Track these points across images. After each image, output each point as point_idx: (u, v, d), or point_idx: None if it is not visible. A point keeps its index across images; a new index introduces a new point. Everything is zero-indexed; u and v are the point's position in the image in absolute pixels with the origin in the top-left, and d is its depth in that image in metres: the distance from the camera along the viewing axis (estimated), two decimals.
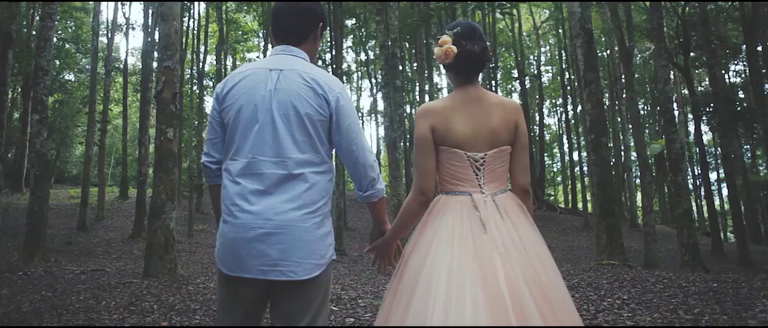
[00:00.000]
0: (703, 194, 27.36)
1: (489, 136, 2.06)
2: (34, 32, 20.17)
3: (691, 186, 30.79)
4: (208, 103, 27.90)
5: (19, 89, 22.53)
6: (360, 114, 37.99)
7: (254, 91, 1.96)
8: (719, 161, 27.93)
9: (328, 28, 17.13)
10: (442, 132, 2.05)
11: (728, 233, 33.25)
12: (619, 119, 26.95)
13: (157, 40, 16.63)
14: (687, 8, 17.25)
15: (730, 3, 18.75)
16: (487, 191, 2.04)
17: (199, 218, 20.40)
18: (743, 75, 26.70)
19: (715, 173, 32.86)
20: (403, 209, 2.09)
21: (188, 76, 21.93)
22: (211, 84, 27.38)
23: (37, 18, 21.25)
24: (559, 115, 40.96)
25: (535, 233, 1.99)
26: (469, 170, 2.05)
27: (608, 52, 27.82)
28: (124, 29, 23.05)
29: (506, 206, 2.01)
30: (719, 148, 23.11)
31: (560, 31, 30.20)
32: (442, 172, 2.10)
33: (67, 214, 19.12)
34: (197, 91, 23.00)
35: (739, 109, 20.17)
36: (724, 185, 26.74)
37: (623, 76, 19.42)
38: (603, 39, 26.42)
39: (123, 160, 24.73)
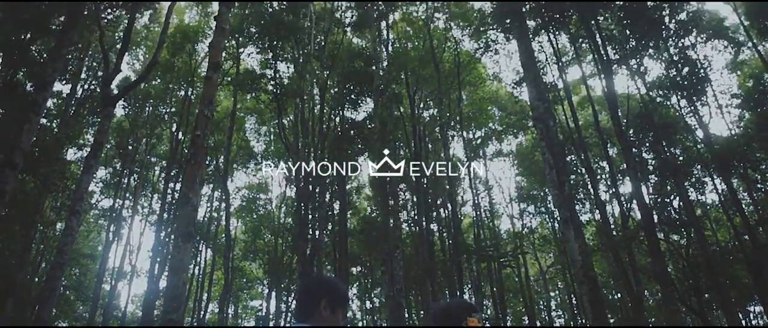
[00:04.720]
0: None
1: None
2: (36, 279, 20.15)
3: None
4: None
5: None
6: None
7: None
8: None
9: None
10: None
11: None
12: None
13: (160, 289, 16.68)
14: (690, 249, 17.21)
15: (732, 244, 18.72)
16: None
17: None
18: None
19: None
20: None
21: (187, 324, 21.49)
22: None
23: (44, 265, 21.39)
24: None
25: None
26: None
27: (619, 295, 27.41)
28: (129, 277, 23.24)
29: None
30: None
31: (567, 275, 30.13)
32: None
33: None
34: None
35: None
36: None
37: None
38: (611, 282, 26.22)
39: None
